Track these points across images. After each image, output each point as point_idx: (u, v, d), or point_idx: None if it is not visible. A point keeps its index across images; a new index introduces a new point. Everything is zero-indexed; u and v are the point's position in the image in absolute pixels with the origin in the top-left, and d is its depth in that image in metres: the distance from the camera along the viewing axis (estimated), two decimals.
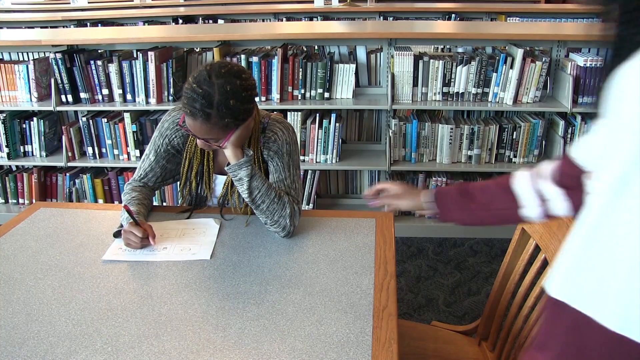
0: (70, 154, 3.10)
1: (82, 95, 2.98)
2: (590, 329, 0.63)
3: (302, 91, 2.96)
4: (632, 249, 0.60)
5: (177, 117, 1.66)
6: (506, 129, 2.91)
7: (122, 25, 4.89)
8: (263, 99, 2.96)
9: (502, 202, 1.06)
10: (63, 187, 3.24)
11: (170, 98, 2.99)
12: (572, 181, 0.93)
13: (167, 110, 1.70)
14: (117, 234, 1.53)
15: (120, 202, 1.64)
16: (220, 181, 1.70)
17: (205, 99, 1.37)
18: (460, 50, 3.32)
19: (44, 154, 3.14)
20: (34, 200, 3.22)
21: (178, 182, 1.74)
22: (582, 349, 0.64)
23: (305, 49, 3.21)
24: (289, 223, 1.51)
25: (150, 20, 4.92)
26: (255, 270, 1.36)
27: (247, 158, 1.49)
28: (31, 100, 3.06)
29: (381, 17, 4.91)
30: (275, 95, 2.94)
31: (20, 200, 3.27)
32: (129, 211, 1.48)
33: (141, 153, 2.98)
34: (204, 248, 1.47)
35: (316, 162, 3.03)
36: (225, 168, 1.52)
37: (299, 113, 2.94)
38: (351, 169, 3.24)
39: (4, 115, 3.02)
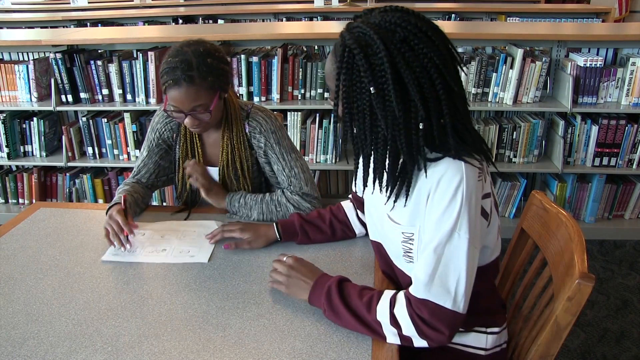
0: (70, 154, 3.10)
1: (82, 95, 2.99)
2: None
3: (302, 91, 2.96)
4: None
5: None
6: (506, 129, 2.91)
7: (122, 25, 4.90)
8: (263, 99, 2.97)
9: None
10: (63, 187, 3.24)
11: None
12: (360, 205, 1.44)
13: None
14: None
15: None
16: (210, 172, 1.70)
17: (184, 64, 1.42)
18: (460, 50, 3.32)
19: (44, 154, 3.14)
20: (34, 200, 3.22)
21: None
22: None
23: (305, 49, 3.21)
24: (302, 210, 1.59)
25: (150, 20, 4.92)
26: (255, 270, 1.36)
27: (234, 208, 1.62)
28: (31, 100, 3.07)
29: None
30: (275, 95, 2.94)
31: (20, 200, 3.28)
32: (124, 201, 1.52)
33: None
34: (202, 251, 1.46)
35: (316, 162, 3.03)
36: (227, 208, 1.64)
37: (299, 113, 2.95)
38: (351, 169, 3.23)
39: (4, 115, 3.03)
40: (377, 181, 1.10)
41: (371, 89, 0.99)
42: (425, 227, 1.07)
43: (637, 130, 2.84)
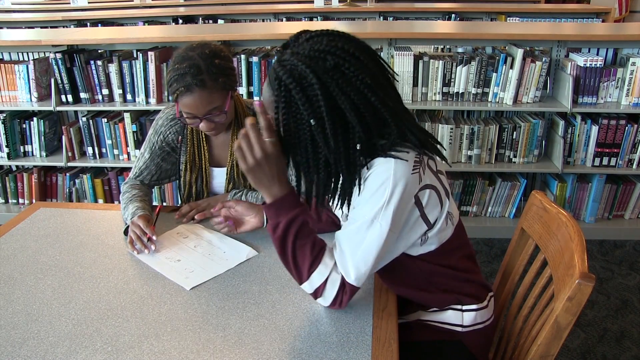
0: (70, 154, 3.10)
1: (82, 95, 2.99)
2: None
3: None
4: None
5: (170, 114, 1.66)
6: (506, 129, 2.91)
7: (122, 25, 4.89)
8: None
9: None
10: (63, 187, 3.24)
11: (170, 98, 2.98)
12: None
13: None
14: (127, 231, 1.51)
15: (120, 202, 1.64)
16: (216, 174, 1.70)
17: (192, 68, 1.41)
18: (460, 50, 3.32)
19: (44, 154, 3.14)
20: (34, 200, 3.22)
21: (177, 182, 1.75)
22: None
23: None
24: None
25: (150, 20, 4.92)
26: (255, 270, 1.36)
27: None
28: (31, 100, 3.06)
29: (381, 17, 4.91)
30: None
31: (20, 200, 3.28)
32: (157, 212, 1.54)
33: None
34: (211, 270, 1.36)
35: None
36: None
37: None
38: None
39: (4, 115, 3.03)
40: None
41: (311, 121, 1.02)
42: (355, 207, 1.13)
43: (637, 130, 2.84)
